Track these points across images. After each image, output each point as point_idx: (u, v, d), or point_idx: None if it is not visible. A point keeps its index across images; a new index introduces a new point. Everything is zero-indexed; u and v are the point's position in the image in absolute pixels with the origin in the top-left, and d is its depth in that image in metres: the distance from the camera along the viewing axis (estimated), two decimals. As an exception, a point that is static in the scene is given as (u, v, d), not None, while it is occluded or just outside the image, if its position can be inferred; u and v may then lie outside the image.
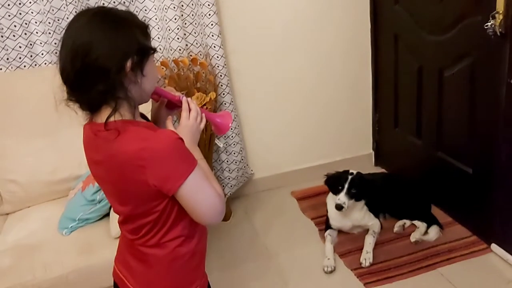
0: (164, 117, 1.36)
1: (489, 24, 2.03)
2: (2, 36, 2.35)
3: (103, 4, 2.43)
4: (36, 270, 1.86)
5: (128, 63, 1.12)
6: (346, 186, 2.38)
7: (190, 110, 1.28)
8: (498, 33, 2.02)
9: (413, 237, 2.46)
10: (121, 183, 1.17)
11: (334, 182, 2.45)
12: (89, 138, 1.20)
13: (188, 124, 1.27)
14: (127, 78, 1.13)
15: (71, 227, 2.06)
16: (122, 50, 1.11)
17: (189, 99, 1.30)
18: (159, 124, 1.34)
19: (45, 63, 2.41)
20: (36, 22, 2.35)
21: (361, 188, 2.41)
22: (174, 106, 1.34)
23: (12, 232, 2.13)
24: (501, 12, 1.99)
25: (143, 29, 1.18)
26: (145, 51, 1.16)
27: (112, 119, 1.13)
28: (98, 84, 1.10)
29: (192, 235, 1.27)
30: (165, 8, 2.48)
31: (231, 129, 2.80)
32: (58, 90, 1.15)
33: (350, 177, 2.40)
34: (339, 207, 2.37)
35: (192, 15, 2.58)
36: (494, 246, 2.35)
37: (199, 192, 1.16)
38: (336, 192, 2.41)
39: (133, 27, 1.15)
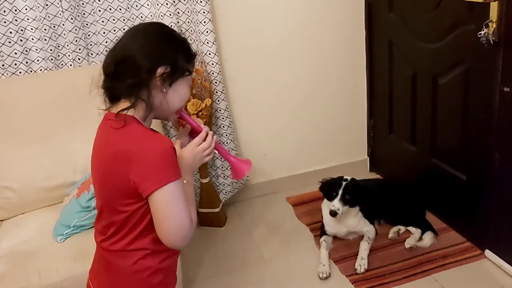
0: (183, 142, 1.40)
1: (482, 32, 2.05)
2: (-3, 42, 2.35)
3: (99, 11, 2.44)
4: (31, 277, 1.85)
5: (160, 69, 1.20)
6: (340, 192, 2.39)
7: (204, 140, 1.34)
8: (491, 42, 2.04)
9: (408, 243, 2.47)
10: (106, 172, 1.23)
11: (329, 188, 2.46)
12: (101, 124, 1.29)
13: (194, 149, 1.33)
14: (154, 83, 1.21)
15: (66, 233, 2.05)
16: (159, 56, 1.21)
17: (210, 132, 1.36)
18: None
19: (41, 70, 2.41)
20: (32, 29, 2.35)
21: (355, 194, 2.42)
22: (195, 135, 1.39)
23: (6, 239, 2.11)
24: (494, 20, 2.01)
25: (189, 54, 1.29)
26: (181, 69, 1.25)
27: (124, 112, 1.21)
28: (128, 77, 1.19)
29: (159, 252, 1.27)
30: (161, 15, 2.49)
31: (226, 135, 2.81)
32: (96, 79, 1.26)
33: (344, 183, 2.41)
34: (333, 213, 2.37)
35: (188, 22, 2.59)
36: (488, 252, 2.37)
37: (171, 206, 1.17)
38: (331, 198, 2.42)
39: (178, 46, 1.27)
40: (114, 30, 2.51)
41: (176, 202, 1.16)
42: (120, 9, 2.49)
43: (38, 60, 2.40)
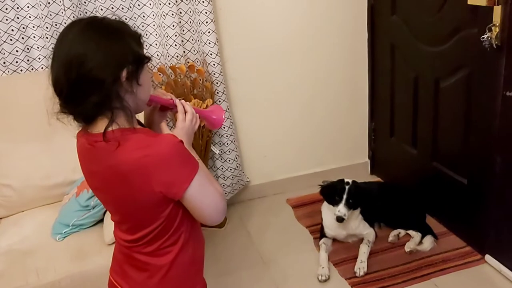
0: (157, 120, 1.36)
1: (485, 36, 2.04)
2: (-1, 40, 2.35)
3: (101, 10, 2.43)
4: (29, 276, 1.85)
5: (123, 73, 1.11)
6: (344, 197, 2.37)
7: (185, 112, 1.29)
8: (494, 46, 2.03)
9: (408, 247, 2.46)
10: (124, 192, 1.16)
11: (331, 192, 2.44)
12: (85, 148, 1.19)
13: (184, 126, 1.28)
14: (122, 88, 1.12)
15: (64, 232, 2.05)
16: (116, 60, 1.10)
17: (182, 101, 1.31)
18: (154, 128, 1.35)
19: (42, 68, 2.40)
20: (33, 27, 2.34)
21: (358, 197, 2.41)
22: (166, 108, 1.36)
23: (5, 237, 2.11)
24: (497, 24, 2.00)
25: (136, 38, 1.17)
26: (140, 60, 1.16)
27: (110, 129, 1.12)
28: (92, 95, 1.08)
29: (190, 242, 1.28)
30: (163, 15, 2.49)
31: (226, 136, 2.80)
32: (50, 102, 1.13)
33: (347, 187, 2.39)
34: (340, 220, 2.35)
35: (190, 22, 2.58)
36: (488, 257, 2.36)
37: (204, 194, 1.18)
38: (334, 203, 2.40)
39: (126, 37, 1.14)
40: (116, 29, 2.50)
41: (205, 189, 1.18)
42: (122, 8, 2.48)
43: (39, 58, 2.40)
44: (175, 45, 2.54)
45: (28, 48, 2.39)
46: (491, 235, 2.33)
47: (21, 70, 2.41)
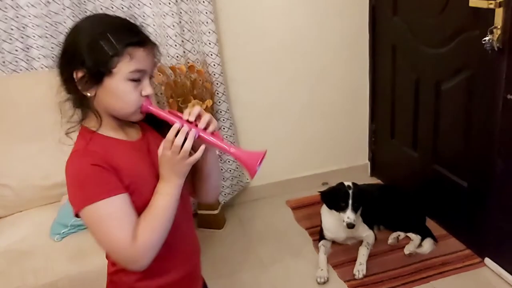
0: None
1: (487, 39, 2.03)
2: (-2, 39, 2.34)
3: (101, 9, 2.43)
4: (26, 276, 1.84)
5: (78, 73, 1.07)
6: (350, 202, 2.35)
7: (172, 140, 1.06)
8: (496, 48, 2.02)
9: (407, 249, 2.46)
10: None
11: (334, 198, 2.43)
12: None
13: (166, 150, 1.07)
14: (82, 88, 1.08)
15: (63, 233, 2.04)
16: (69, 59, 1.09)
17: (184, 127, 1.06)
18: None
19: (42, 67, 2.40)
20: (33, 26, 2.34)
21: (361, 199, 2.40)
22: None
23: (3, 237, 2.10)
24: (499, 27, 2.00)
25: (110, 42, 1.06)
26: (98, 68, 1.06)
27: (78, 126, 1.15)
28: (65, 90, 1.11)
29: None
30: (164, 15, 2.48)
31: (226, 137, 2.79)
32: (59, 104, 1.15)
33: (350, 191, 2.37)
34: (351, 226, 2.33)
35: (190, 22, 2.58)
36: (487, 261, 2.35)
37: (96, 228, 1.06)
38: (339, 209, 2.39)
39: (98, 37, 1.05)
40: (116, 29, 2.50)
41: (100, 224, 1.05)
42: (122, 8, 2.47)
43: (39, 58, 2.39)
44: (175, 45, 2.53)
45: (27, 48, 2.38)
46: (491, 238, 2.32)
47: (21, 70, 2.40)
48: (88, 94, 1.08)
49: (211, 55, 2.58)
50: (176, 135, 1.05)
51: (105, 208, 1.04)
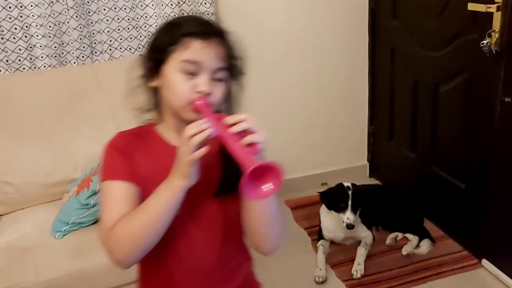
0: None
1: (485, 42, 2.06)
2: (2, 38, 2.35)
3: (104, 10, 2.45)
4: (27, 273, 1.86)
5: (147, 64, 1.11)
6: (350, 203, 2.37)
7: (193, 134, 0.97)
8: (494, 52, 2.04)
9: (405, 250, 2.47)
10: None
11: (333, 199, 2.45)
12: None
13: (178, 151, 1.00)
14: (149, 81, 1.12)
15: (64, 230, 2.05)
16: (147, 51, 1.12)
17: (204, 121, 0.99)
18: None
19: (45, 66, 2.42)
20: (36, 25, 2.36)
21: (361, 200, 2.42)
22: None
23: (5, 234, 2.12)
24: (497, 30, 2.02)
25: (169, 30, 1.10)
26: (160, 51, 1.08)
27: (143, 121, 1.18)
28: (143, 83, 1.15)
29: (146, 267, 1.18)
30: (166, 16, 2.50)
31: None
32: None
33: (350, 192, 2.39)
34: (351, 227, 2.36)
35: (192, 23, 2.59)
36: (484, 262, 2.37)
37: (101, 203, 1.10)
38: (338, 210, 2.41)
39: (162, 28, 1.12)
40: (119, 29, 2.52)
41: (100, 202, 1.10)
42: (125, 9, 2.50)
43: (42, 57, 2.41)
44: (177, 45, 2.55)
45: (31, 47, 2.40)
46: (488, 239, 2.34)
47: (24, 69, 2.42)
48: (154, 84, 1.10)
49: (212, 56, 2.60)
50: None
51: (105, 189, 1.09)
